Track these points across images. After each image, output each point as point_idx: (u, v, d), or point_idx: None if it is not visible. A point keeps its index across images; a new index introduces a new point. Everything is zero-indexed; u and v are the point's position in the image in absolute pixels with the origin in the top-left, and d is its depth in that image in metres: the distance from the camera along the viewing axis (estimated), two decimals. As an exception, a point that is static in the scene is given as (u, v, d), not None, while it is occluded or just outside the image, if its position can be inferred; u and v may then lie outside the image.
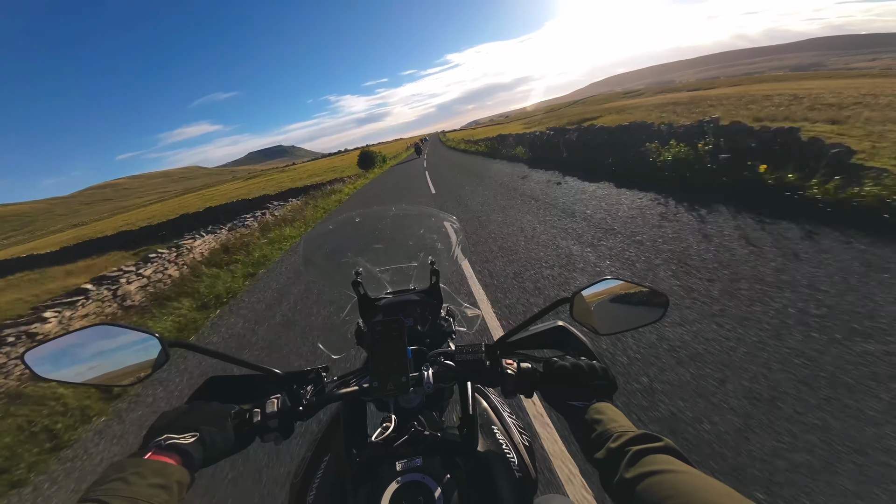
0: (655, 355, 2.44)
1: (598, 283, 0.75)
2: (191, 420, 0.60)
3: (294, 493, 0.76)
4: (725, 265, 3.43)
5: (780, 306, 2.70)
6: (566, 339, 0.83)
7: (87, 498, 0.46)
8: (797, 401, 1.93)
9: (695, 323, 2.70)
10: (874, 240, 3.35)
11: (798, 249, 3.44)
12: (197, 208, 33.12)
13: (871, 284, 2.74)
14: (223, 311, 5.36)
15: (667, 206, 5.40)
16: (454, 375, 0.73)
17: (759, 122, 7.81)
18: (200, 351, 0.71)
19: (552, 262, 4.28)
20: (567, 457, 1.91)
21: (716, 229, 4.24)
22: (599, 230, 4.95)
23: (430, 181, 14.46)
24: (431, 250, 1.11)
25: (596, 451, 0.57)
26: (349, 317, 1.04)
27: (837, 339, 2.29)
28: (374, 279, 1.08)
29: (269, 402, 0.67)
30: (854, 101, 12.97)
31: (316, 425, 0.92)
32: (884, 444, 1.65)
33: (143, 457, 0.52)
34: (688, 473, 0.46)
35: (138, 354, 0.67)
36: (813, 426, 1.79)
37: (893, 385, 1.92)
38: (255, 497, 2.08)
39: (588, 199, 6.59)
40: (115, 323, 0.68)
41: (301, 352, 3.58)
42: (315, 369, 0.76)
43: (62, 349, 0.65)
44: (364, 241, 1.14)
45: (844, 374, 2.03)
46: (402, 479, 0.59)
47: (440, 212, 1.21)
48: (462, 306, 1.09)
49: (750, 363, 2.24)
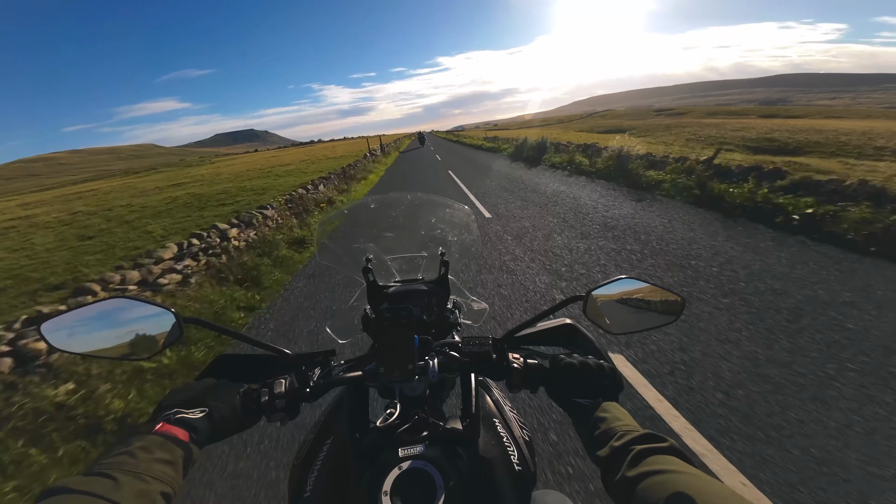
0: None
1: (612, 283, 0.77)
2: (200, 396, 0.63)
3: (295, 475, 0.78)
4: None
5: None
6: (574, 337, 0.85)
7: (94, 471, 0.47)
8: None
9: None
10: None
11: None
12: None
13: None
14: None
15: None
16: (460, 366, 0.75)
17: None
18: (215, 329, 0.73)
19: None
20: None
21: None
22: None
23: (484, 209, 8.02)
24: (442, 241, 1.13)
25: (599, 449, 0.57)
26: (357, 303, 1.06)
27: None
28: (384, 267, 1.10)
29: (277, 382, 0.69)
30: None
31: (318, 409, 0.93)
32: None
33: (153, 430, 0.54)
34: (691, 475, 0.46)
35: (153, 329, 0.69)
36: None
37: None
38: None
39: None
40: (133, 297, 0.70)
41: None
42: (323, 352, 0.78)
43: (79, 320, 0.66)
44: (377, 227, 1.16)
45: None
46: (405, 466, 0.60)
47: (455, 202, 1.22)
48: (469, 299, 1.11)
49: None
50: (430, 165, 19.33)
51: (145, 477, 0.47)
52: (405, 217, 1.20)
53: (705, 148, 12.47)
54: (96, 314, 0.67)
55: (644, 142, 12.18)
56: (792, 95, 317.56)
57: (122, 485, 0.45)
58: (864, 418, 2.10)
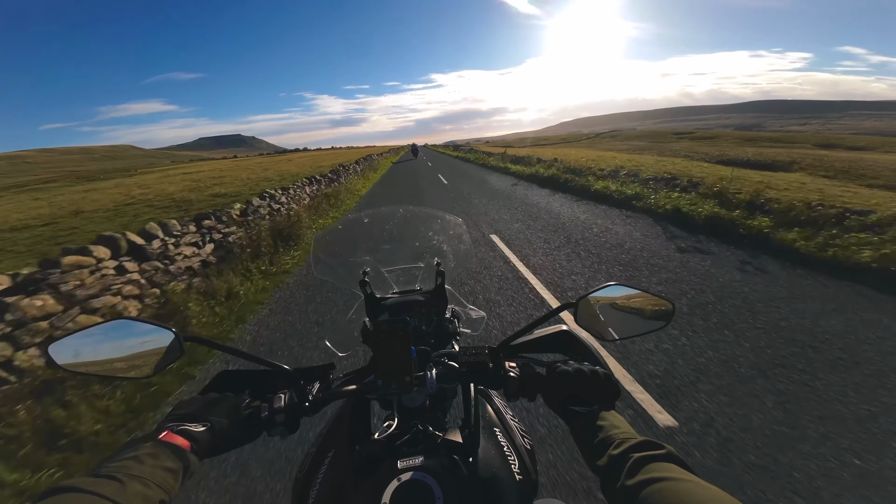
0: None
1: (602, 289, 0.78)
2: (204, 411, 0.66)
3: (298, 487, 0.80)
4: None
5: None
6: (570, 344, 0.86)
7: (100, 473, 0.50)
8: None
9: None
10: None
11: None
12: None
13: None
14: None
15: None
16: (457, 376, 0.76)
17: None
18: (214, 346, 0.76)
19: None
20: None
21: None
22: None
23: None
24: (437, 252, 1.16)
25: (597, 458, 0.58)
26: (356, 315, 1.07)
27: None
28: (381, 279, 1.12)
29: (277, 397, 0.71)
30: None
31: (321, 421, 0.94)
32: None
33: (157, 438, 0.58)
34: (690, 482, 0.47)
35: (154, 348, 0.73)
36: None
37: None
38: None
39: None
40: (134, 318, 0.74)
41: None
42: (322, 366, 0.81)
43: (83, 341, 0.70)
44: (372, 240, 1.19)
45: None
46: (404, 478, 0.60)
47: (447, 214, 1.26)
48: (467, 308, 1.12)
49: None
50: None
51: (149, 483, 0.50)
52: (399, 230, 1.22)
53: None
54: (100, 334, 0.71)
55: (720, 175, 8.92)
56: (765, 121, 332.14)
57: (128, 488, 0.48)
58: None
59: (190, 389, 3.11)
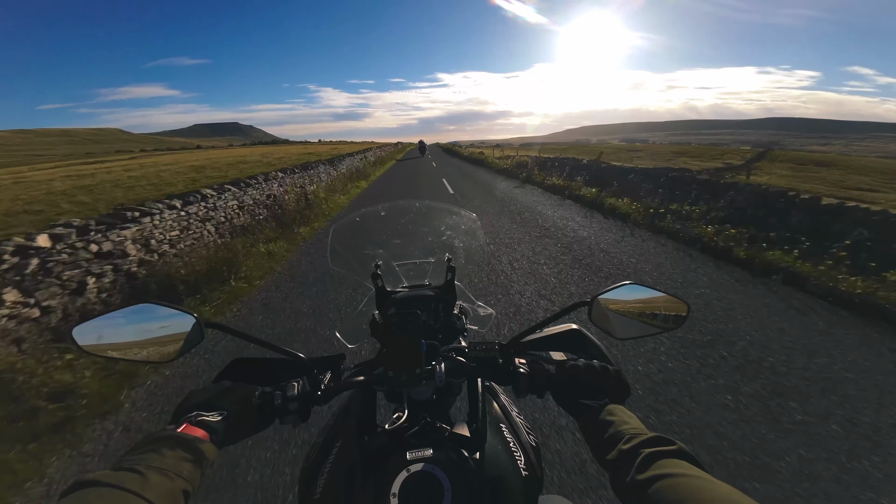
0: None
1: (617, 288, 0.80)
2: (218, 399, 0.68)
3: (305, 476, 0.82)
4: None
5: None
6: (580, 342, 0.88)
7: (122, 466, 0.51)
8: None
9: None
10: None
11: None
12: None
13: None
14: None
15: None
16: (467, 371, 0.79)
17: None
18: (233, 333, 0.78)
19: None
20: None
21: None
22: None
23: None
24: (449, 247, 1.20)
25: (607, 453, 0.60)
26: (366, 308, 1.11)
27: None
28: (392, 272, 1.16)
29: (290, 385, 0.74)
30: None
31: (328, 411, 0.97)
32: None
33: (177, 430, 0.59)
34: (700, 478, 0.48)
35: (175, 333, 0.75)
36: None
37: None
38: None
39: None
40: (157, 301, 0.75)
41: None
42: (333, 356, 0.83)
43: (106, 323, 0.72)
44: (386, 234, 1.22)
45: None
46: (412, 469, 0.62)
47: (462, 209, 1.29)
48: (475, 304, 1.15)
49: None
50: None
51: (170, 474, 0.52)
52: (413, 224, 1.26)
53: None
54: (122, 317, 0.73)
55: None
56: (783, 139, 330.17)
57: (150, 480, 0.50)
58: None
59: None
